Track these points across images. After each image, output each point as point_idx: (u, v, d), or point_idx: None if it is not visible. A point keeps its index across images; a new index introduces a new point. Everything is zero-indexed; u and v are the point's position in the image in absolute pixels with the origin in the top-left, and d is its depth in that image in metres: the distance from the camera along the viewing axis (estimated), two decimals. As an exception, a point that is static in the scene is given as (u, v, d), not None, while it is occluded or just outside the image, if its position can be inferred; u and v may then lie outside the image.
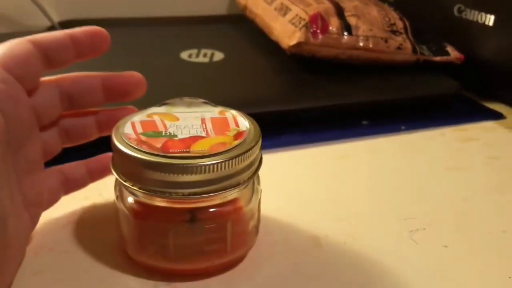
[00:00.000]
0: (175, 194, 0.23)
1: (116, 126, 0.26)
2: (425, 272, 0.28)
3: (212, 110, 0.28)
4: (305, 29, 0.48)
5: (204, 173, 0.23)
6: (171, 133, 0.25)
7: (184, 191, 0.23)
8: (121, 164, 0.25)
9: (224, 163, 0.23)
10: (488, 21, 0.52)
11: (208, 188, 0.24)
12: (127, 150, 0.24)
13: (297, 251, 0.29)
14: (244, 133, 0.26)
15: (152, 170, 0.23)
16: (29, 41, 0.26)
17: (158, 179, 0.23)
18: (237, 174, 0.24)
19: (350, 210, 0.33)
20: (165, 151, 0.23)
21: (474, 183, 0.38)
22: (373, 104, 0.48)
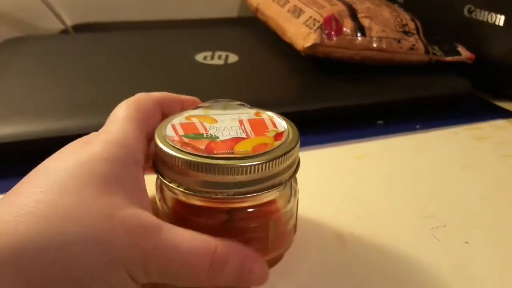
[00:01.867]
0: (220, 194, 0.24)
1: (157, 129, 0.26)
2: (448, 268, 0.29)
3: (248, 112, 0.28)
4: (320, 30, 0.49)
5: (249, 173, 0.23)
6: (212, 134, 0.25)
7: (229, 191, 0.24)
8: (166, 166, 0.25)
9: (268, 163, 0.24)
10: (498, 21, 0.52)
11: (252, 188, 0.24)
12: (173, 152, 0.24)
13: (324, 250, 0.30)
14: (284, 134, 0.26)
15: (198, 171, 0.23)
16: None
17: (204, 179, 0.24)
18: (279, 174, 0.25)
19: (371, 209, 0.34)
20: (209, 152, 0.24)
21: (490, 181, 0.38)
22: (387, 104, 0.48)
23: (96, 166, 0.22)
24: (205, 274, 0.22)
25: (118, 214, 0.21)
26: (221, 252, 0.22)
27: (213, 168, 0.23)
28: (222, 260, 0.22)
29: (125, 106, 0.26)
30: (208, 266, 0.22)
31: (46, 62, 0.52)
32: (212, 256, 0.22)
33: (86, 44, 0.58)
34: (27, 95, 0.44)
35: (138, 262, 0.20)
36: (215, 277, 0.22)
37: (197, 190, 0.24)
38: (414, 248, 0.30)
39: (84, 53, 0.55)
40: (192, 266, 0.22)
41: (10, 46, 0.57)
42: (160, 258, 0.21)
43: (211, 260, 0.22)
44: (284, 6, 0.57)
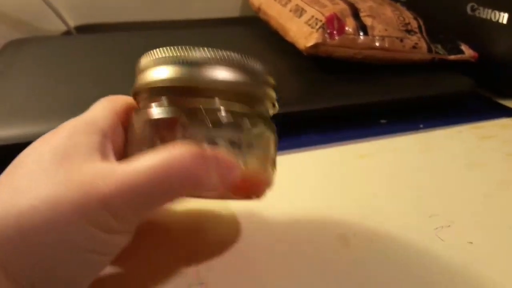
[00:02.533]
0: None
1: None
2: (452, 268, 0.28)
3: None
4: (322, 30, 0.49)
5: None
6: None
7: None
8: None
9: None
10: (502, 19, 0.52)
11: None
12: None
13: (326, 250, 0.30)
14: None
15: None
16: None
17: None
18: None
19: (375, 208, 0.34)
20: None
21: (494, 180, 0.38)
22: (390, 103, 0.48)
23: (54, 146, 0.22)
24: (184, 185, 0.22)
25: (71, 176, 0.21)
26: (192, 157, 0.22)
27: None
28: (196, 165, 0.22)
29: (102, 99, 0.27)
30: (182, 178, 0.21)
31: (49, 64, 0.52)
32: (184, 163, 0.21)
33: (88, 45, 0.58)
34: (30, 96, 0.44)
35: (98, 208, 0.20)
36: (194, 184, 0.22)
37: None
38: (418, 249, 0.30)
39: (87, 54, 0.55)
40: (164, 185, 0.21)
41: (13, 48, 0.57)
42: (119, 192, 0.21)
43: (185, 170, 0.21)
44: (286, 6, 0.57)
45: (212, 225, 0.32)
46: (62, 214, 0.20)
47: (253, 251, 0.29)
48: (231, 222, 0.32)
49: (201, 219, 0.32)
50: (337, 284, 0.27)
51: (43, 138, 0.24)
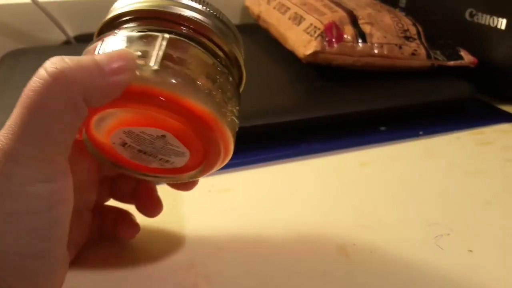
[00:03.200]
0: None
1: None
2: (452, 277, 0.28)
3: None
4: (321, 38, 0.49)
5: None
6: None
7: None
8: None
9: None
10: (500, 25, 0.52)
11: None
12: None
13: (326, 260, 0.30)
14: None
15: None
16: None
17: None
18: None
19: (374, 217, 0.34)
20: None
21: (494, 186, 0.38)
22: (390, 110, 0.48)
23: None
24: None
25: None
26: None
27: None
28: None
29: None
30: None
31: (49, 74, 0.52)
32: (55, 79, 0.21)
33: (88, 55, 0.58)
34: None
35: (13, 161, 0.20)
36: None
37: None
38: (417, 258, 0.30)
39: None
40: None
41: (13, 58, 0.57)
42: (19, 134, 0.20)
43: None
44: (285, 14, 0.57)
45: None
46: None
47: (251, 262, 0.29)
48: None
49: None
50: (337, 295, 0.27)
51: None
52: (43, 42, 0.68)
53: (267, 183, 0.38)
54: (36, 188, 0.20)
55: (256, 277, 0.28)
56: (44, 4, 0.64)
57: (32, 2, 0.63)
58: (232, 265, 0.29)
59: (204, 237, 0.31)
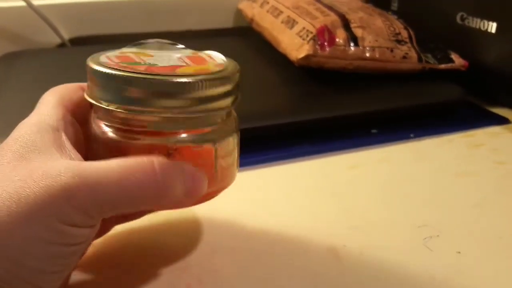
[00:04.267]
0: (171, 112, 0.23)
1: (88, 61, 0.25)
2: (440, 278, 0.29)
3: (185, 51, 0.28)
4: (313, 41, 0.50)
5: (188, 91, 0.23)
6: (150, 63, 0.25)
7: (173, 110, 0.23)
8: (102, 89, 0.24)
9: (207, 81, 0.24)
10: (491, 28, 0.53)
11: (194, 108, 0.24)
12: (111, 71, 0.23)
13: (316, 262, 0.30)
14: (224, 64, 0.26)
15: (139, 88, 0.23)
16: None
17: (142, 96, 0.23)
18: (218, 98, 0.25)
19: (364, 219, 0.34)
20: (151, 71, 0.23)
21: (484, 188, 0.39)
22: (381, 113, 0.49)
23: (8, 148, 0.23)
24: (150, 193, 0.22)
25: (33, 173, 0.21)
26: (160, 166, 0.22)
27: (155, 84, 0.23)
28: (164, 174, 0.22)
29: (48, 91, 0.28)
30: (150, 183, 0.22)
31: (44, 76, 0.52)
32: (151, 170, 0.22)
33: (83, 57, 0.58)
34: (25, 110, 0.44)
35: (64, 203, 0.20)
36: (161, 195, 0.22)
37: (139, 110, 0.23)
38: (406, 259, 0.30)
39: (82, 66, 0.55)
40: (128, 187, 0.22)
41: (7, 61, 0.57)
42: (86, 188, 0.21)
43: (152, 176, 0.22)
44: (278, 17, 0.57)
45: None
46: (26, 211, 0.20)
47: (243, 263, 0.30)
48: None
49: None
50: (327, 296, 0.28)
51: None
52: (38, 45, 0.68)
53: (259, 186, 0.38)
54: (74, 229, 0.21)
55: (248, 279, 0.29)
56: (39, 7, 0.65)
57: (27, 5, 0.63)
58: (225, 266, 0.30)
59: (198, 238, 0.32)
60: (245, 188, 0.38)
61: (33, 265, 0.21)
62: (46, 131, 0.24)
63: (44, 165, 0.21)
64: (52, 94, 0.27)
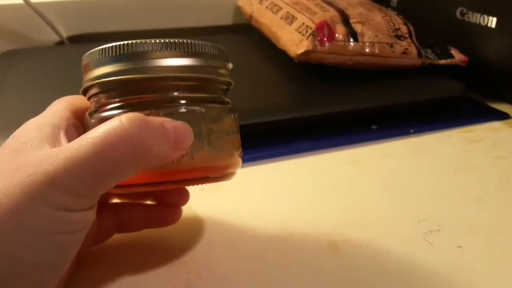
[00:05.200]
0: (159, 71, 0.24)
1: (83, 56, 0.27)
2: (441, 272, 0.29)
3: None
4: (312, 37, 0.49)
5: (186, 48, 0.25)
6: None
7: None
8: (96, 66, 0.25)
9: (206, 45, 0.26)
10: (491, 23, 0.53)
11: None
12: (105, 46, 0.25)
13: (316, 257, 0.30)
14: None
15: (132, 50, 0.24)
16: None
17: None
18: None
19: (364, 214, 0.34)
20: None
21: (484, 184, 0.39)
22: (381, 108, 0.48)
23: (6, 145, 0.23)
24: (128, 151, 0.22)
25: (19, 167, 0.21)
26: (129, 121, 0.22)
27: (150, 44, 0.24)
28: (134, 129, 0.22)
29: (58, 100, 0.28)
30: (123, 142, 0.22)
31: (43, 74, 0.52)
32: (121, 128, 0.22)
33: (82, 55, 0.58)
34: (24, 108, 0.44)
35: (49, 187, 0.20)
36: (140, 148, 0.22)
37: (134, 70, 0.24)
38: (407, 254, 0.30)
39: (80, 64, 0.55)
40: (107, 154, 0.21)
41: (5, 59, 0.57)
42: (65, 168, 0.21)
43: (124, 133, 0.22)
44: (277, 13, 0.57)
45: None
46: (13, 199, 0.20)
47: (243, 258, 0.30)
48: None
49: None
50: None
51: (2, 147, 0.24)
52: (36, 43, 0.68)
53: (258, 182, 0.38)
54: (67, 215, 0.21)
55: (247, 274, 0.28)
56: (37, 4, 0.65)
57: (25, 3, 0.63)
58: (224, 261, 0.29)
59: (197, 234, 0.32)
60: (244, 184, 0.37)
61: (28, 258, 0.20)
62: (44, 127, 0.24)
63: (30, 156, 0.22)
64: (60, 101, 0.27)
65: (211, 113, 0.26)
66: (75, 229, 0.22)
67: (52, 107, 0.27)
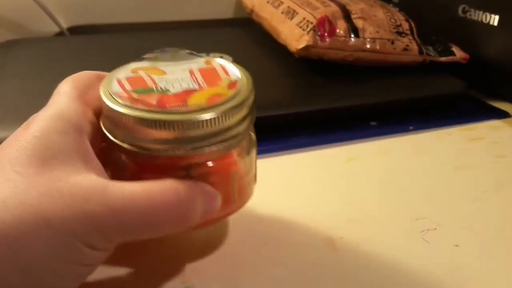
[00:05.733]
0: (177, 151, 0.23)
1: (102, 85, 0.24)
2: (438, 271, 0.29)
3: (198, 61, 0.27)
4: (313, 32, 0.49)
5: (205, 127, 0.22)
6: (162, 88, 0.24)
7: (186, 147, 0.23)
8: (116, 125, 0.23)
9: (224, 115, 0.23)
10: (493, 21, 0.52)
11: (210, 141, 0.23)
12: (122, 109, 0.22)
13: (313, 253, 0.30)
14: (237, 83, 0.25)
15: (152, 128, 0.22)
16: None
17: (159, 137, 0.22)
18: (236, 125, 0.24)
19: (362, 211, 0.34)
20: (162, 107, 0.23)
21: (483, 182, 0.38)
22: (381, 105, 0.48)
23: (28, 146, 0.22)
24: (173, 219, 0.22)
25: (58, 187, 0.20)
26: (184, 192, 0.22)
27: (168, 124, 0.22)
28: (187, 200, 0.22)
29: (65, 81, 0.26)
30: (174, 209, 0.22)
31: (42, 65, 0.52)
32: (176, 196, 0.22)
33: (82, 46, 0.58)
34: (23, 98, 0.44)
35: (89, 228, 0.20)
36: (184, 219, 0.22)
37: (152, 148, 0.23)
38: (404, 252, 0.30)
39: (80, 55, 0.55)
40: (153, 214, 0.21)
41: (5, 49, 0.57)
42: (112, 216, 0.21)
43: (176, 202, 0.22)
44: (278, 8, 0.57)
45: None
46: (51, 228, 0.20)
47: (239, 254, 0.30)
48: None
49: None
50: (324, 286, 0.27)
51: (13, 136, 0.23)
52: (36, 34, 0.68)
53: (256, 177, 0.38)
54: (91, 251, 0.21)
55: (243, 269, 0.28)
56: (37, -5, 0.64)
57: (25, -7, 0.63)
58: (219, 257, 0.29)
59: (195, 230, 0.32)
60: (242, 179, 0.37)
61: (51, 281, 0.21)
62: (68, 132, 0.23)
63: (69, 179, 0.21)
64: (69, 84, 0.26)
65: (240, 166, 0.26)
66: (93, 263, 0.22)
67: (62, 93, 0.25)
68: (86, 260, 0.21)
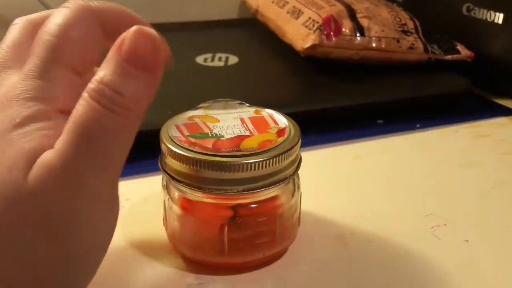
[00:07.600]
0: (230, 191, 0.25)
1: (162, 129, 0.27)
2: (449, 266, 0.29)
3: (248, 110, 0.29)
4: (319, 31, 0.49)
5: (257, 169, 0.24)
6: (217, 134, 0.26)
7: (238, 188, 0.25)
8: (175, 165, 0.26)
9: (274, 159, 0.25)
10: (497, 19, 0.52)
11: (259, 184, 0.25)
12: (182, 152, 0.25)
13: (325, 250, 0.30)
14: (285, 130, 0.27)
15: (208, 169, 0.24)
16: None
17: (214, 177, 0.24)
18: (284, 169, 0.26)
19: (371, 208, 0.34)
20: (217, 150, 0.25)
21: (489, 179, 0.39)
22: (387, 103, 0.48)
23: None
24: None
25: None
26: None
27: (223, 166, 0.24)
28: None
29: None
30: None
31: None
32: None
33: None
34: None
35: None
36: None
37: (207, 188, 0.25)
38: (414, 247, 0.30)
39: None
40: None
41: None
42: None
43: None
44: (284, 7, 0.57)
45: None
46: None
47: (251, 251, 0.30)
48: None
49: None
50: (335, 284, 0.27)
51: None
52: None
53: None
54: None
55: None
56: (42, -4, 0.64)
57: (30, -5, 0.63)
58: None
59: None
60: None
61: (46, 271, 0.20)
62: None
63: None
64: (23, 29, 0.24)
65: (285, 209, 0.28)
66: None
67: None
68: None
